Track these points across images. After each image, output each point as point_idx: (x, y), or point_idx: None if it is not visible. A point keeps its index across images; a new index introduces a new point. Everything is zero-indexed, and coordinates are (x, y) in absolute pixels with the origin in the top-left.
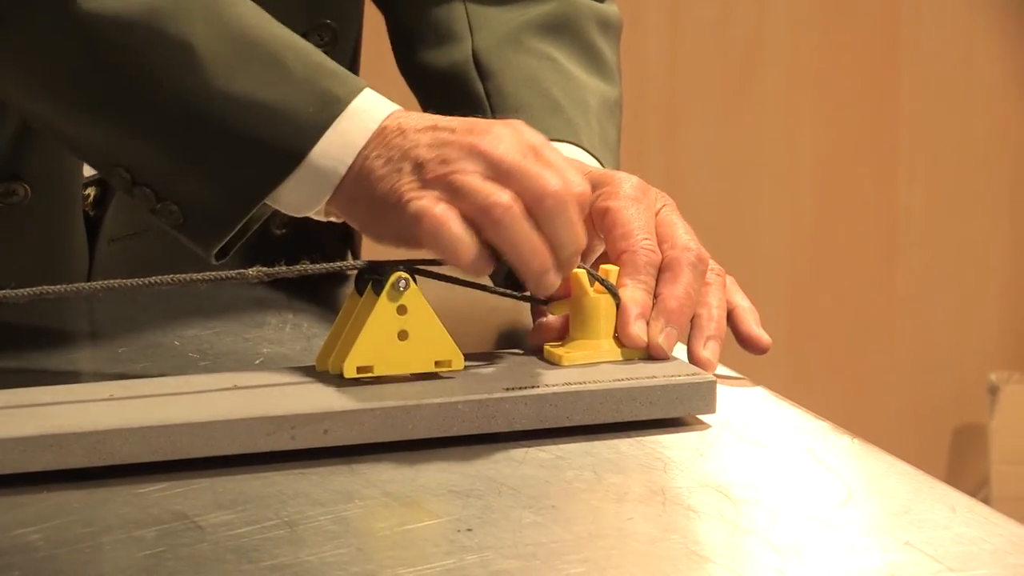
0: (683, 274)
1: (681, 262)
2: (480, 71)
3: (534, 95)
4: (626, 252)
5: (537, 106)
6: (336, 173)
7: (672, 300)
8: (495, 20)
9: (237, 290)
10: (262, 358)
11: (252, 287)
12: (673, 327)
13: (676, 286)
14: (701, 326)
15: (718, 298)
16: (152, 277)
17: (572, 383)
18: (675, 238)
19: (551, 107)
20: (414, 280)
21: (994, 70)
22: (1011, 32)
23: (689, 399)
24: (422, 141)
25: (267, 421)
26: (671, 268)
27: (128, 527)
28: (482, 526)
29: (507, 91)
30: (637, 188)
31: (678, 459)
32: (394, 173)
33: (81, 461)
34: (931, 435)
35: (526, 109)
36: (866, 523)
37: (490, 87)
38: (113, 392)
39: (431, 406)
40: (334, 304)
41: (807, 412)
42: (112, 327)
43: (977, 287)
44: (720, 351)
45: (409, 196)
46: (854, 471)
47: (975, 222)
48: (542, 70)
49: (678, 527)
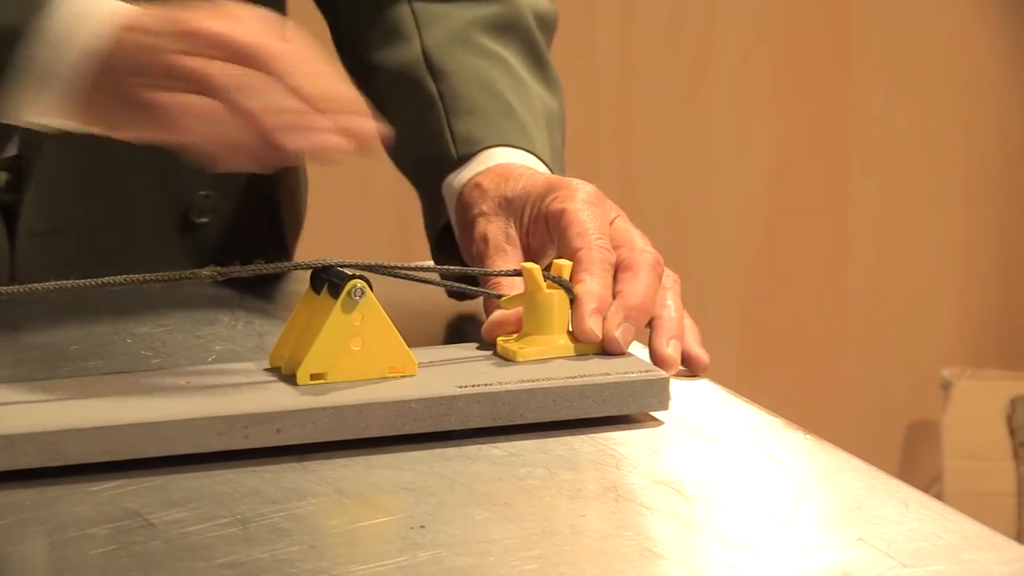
0: (642, 274)
1: (640, 263)
2: (432, 71)
3: (488, 98)
4: (582, 250)
5: (492, 110)
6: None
7: (633, 296)
8: (443, 18)
9: (189, 288)
10: (214, 356)
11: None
12: (631, 323)
13: (636, 283)
14: (662, 326)
15: (676, 301)
16: (105, 278)
17: (525, 380)
18: (632, 242)
19: (505, 111)
20: (370, 287)
21: (945, 65)
22: (962, 27)
23: (642, 396)
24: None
25: (220, 420)
26: (630, 268)
27: (81, 525)
28: (435, 523)
29: (461, 92)
30: (592, 194)
31: (631, 456)
32: None
33: (33, 461)
34: (884, 431)
35: (480, 112)
36: (819, 519)
37: (443, 88)
38: (65, 391)
39: (384, 405)
40: (287, 301)
41: (760, 408)
42: (63, 324)
43: (930, 283)
44: (681, 350)
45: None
46: (807, 467)
47: (928, 218)
48: (494, 71)
49: (631, 524)
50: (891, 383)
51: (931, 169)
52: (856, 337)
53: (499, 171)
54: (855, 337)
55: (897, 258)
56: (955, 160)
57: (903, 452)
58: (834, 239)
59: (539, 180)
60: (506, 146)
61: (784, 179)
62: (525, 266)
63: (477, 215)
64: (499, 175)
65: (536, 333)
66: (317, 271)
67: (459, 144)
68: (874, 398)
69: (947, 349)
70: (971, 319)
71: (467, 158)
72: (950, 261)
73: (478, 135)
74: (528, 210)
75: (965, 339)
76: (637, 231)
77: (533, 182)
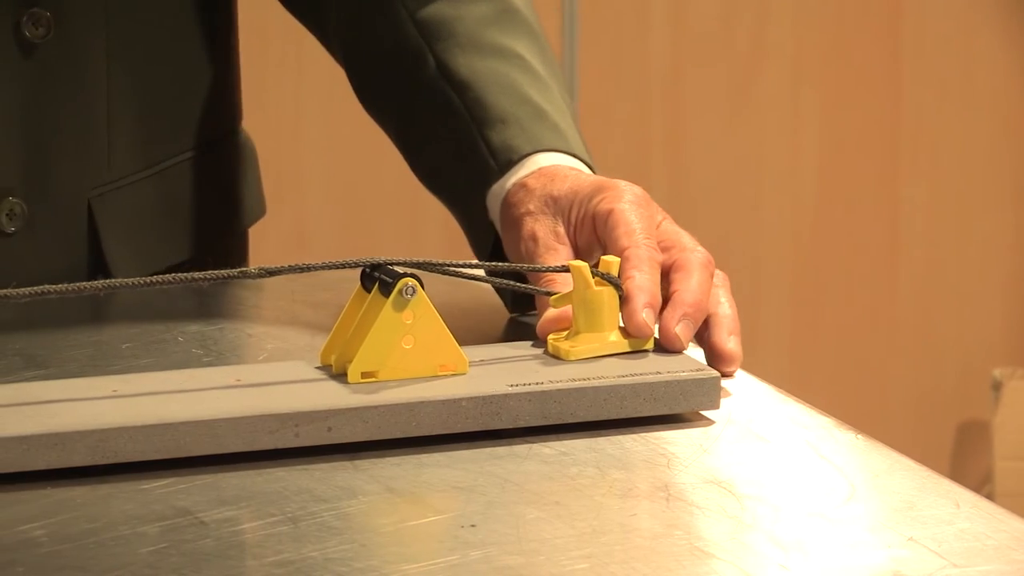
0: (695, 272)
1: (692, 262)
2: (452, 83)
3: (516, 103)
4: (629, 248)
5: (523, 115)
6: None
7: (688, 294)
8: (448, 24)
9: (239, 287)
10: (265, 354)
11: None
12: (689, 321)
13: (690, 282)
14: (720, 323)
15: (729, 298)
16: (155, 276)
17: (576, 379)
18: (681, 243)
19: (536, 115)
20: (421, 285)
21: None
22: (1014, 28)
23: (693, 395)
24: None
25: (271, 419)
26: (683, 268)
27: (131, 523)
28: (485, 522)
29: (487, 102)
30: (640, 196)
31: (682, 455)
32: None
33: (84, 459)
34: (935, 431)
35: (512, 120)
36: (870, 519)
37: (468, 99)
38: (116, 388)
39: (435, 403)
40: (338, 299)
41: (810, 408)
42: (115, 323)
43: (981, 282)
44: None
45: None
46: (857, 467)
47: (978, 217)
48: (513, 72)
49: (682, 523)
50: (942, 383)
51: (981, 168)
52: (906, 337)
53: (545, 172)
54: (905, 336)
55: (948, 257)
56: (1005, 159)
57: (954, 452)
58: (884, 237)
59: (586, 181)
60: (545, 151)
61: (834, 178)
62: (573, 264)
63: (524, 214)
64: (545, 175)
65: (586, 331)
66: (368, 269)
67: (497, 154)
68: (925, 398)
69: (998, 349)
70: (1022, 319)
71: (508, 166)
72: (1001, 261)
73: (514, 143)
74: (575, 210)
75: (1016, 339)
76: (685, 232)
77: (580, 183)
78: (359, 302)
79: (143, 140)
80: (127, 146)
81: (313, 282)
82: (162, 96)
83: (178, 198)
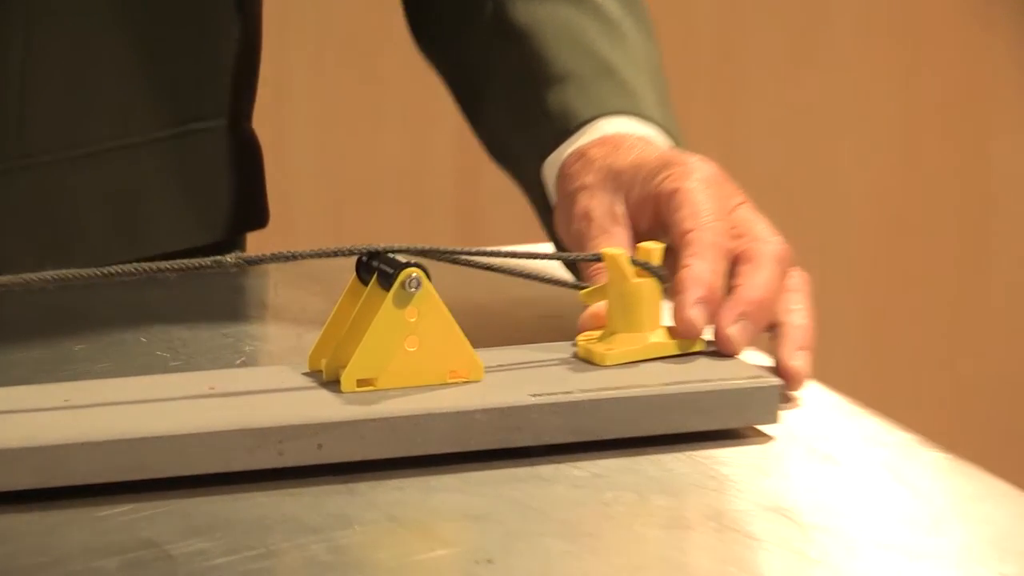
0: (765, 265)
1: (763, 254)
2: (508, 34)
3: (580, 57)
4: (693, 231)
5: (587, 71)
6: None
7: (752, 290)
8: None
9: (214, 278)
10: (243, 357)
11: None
12: (748, 322)
13: (757, 276)
14: (789, 334)
15: (805, 305)
16: (112, 267)
17: (611, 388)
18: (756, 231)
19: (602, 70)
20: (427, 276)
21: None
22: None
23: (750, 407)
24: None
25: (250, 434)
26: (752, 259)
27: (87, 556)
28: (505, 557)
29: (546, 55)
30: (713, 174)
31: (736, 477)
32: None
33: (31, 481)
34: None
35: (574, 77)
36: (957, 553)
37: (525, 52)
38: (68, 398)
39: (443, 416)
40: (328, 294)
41: (888, 422)
42: (67, 321)
43: None
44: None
45: None
46: (943, 492)
47: None
48: (582, 20)
49: (736, 558)
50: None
51: None
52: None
53: (609, 140)
54: (999, 343)
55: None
56: None
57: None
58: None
59: (652, 154)
60: (610, 115)
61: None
62: (607, 252)
63: (579, 188)
64: (609, 144)
65: (624, 331)
66: (365, 258)
67: (553, 120)
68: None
69: None
70: None
71: (565, 135)
72: None
73: (574, 106)
74: (637, 188)
75: None
76: (764, 220)
77: (646, 156)
78: (354, 297)
79: (71, 116)
80: (48, 120)
81: (300, 273)
82: (97, 68)
83: (113, 193)
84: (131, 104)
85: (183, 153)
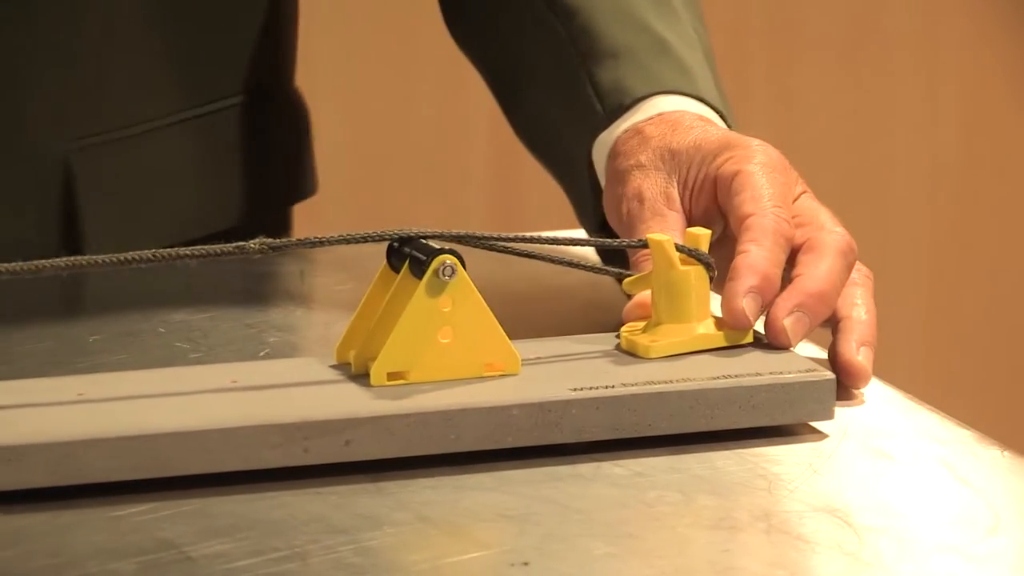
0: (828, 257)
1: (826, 244)
2: (556, 9)
3: (633, 33)
4: (754, 215)
5: (641, 47)
6: None
7: (812, 282)
8: None
9: (236, 265)
10: (268, 349)
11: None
12: (805, 314)
13: (818, 267)
14: (851, 327)
15: (868, 301)
16: (130, 253)
17: (656, 382)
18: (818, 221)
19: (657, 47)
20: (462, 264)
21: None
22: None
23: (802, 402)
24: None
25: (274, 430)
26: (814, 249)
27: (102, 558)
28: (542, 559)
29: (597, 31)
30: (776, 159)
31: (786, 476)
32: None
33: (44, 479)
34: None
35: (627, 53)
36: (1017, 556)
37: (574, 28)
38: (83, 391)
39: (478, 411)
40: (359, 281)
41: (947, 418)
42: (82, 310)
43: None
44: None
45: None
46: (1004, 492)
47: None
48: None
49: (786, 561)
50: None
51: None
52: None
53: (667, 119)
54: None
55: None
56: None
57: None
58: None
59: (713, 135)
60: (666, 93)
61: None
62: (652, 238)
63: (632, 167)
64: (667, 123)
65: (669, 321)
66: (396, 244)
67: (605, 97)
68: None
69: None
70: None
71: (619, 112)
72: None
73: (627, 83)
74: (695, 170)
75: None
76: (827, 210)
77: (706, 137)
78: (384, 285)
79: (148, 88)
80: (127, 92)
81: (327, 259)
82: (179, 36)
83: (184, 165)
84: (170, 81)
85: (210, 130)
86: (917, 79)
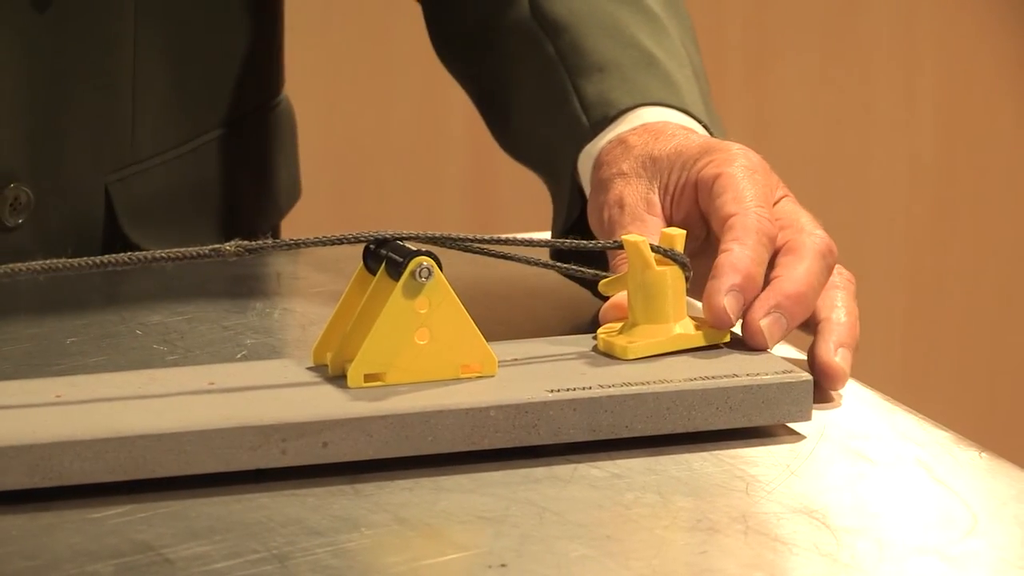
0: (807, 260)
1: (806, 246)
2: (545, 25)
3: (620, 47)
4: (736, 215)
5: (627, 61)
6: None
7: (790, 283)
8: None
9: (213, 268)
10: (245, 351)
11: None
12: (783, 315)
13: (797, 269)
14: (830, 329)
15: (849, 303)
16: (105, 256)
17: (633, 383)
18: (800, 224)
19: (643, 61)
20: (439, 265)
21: None
22: None
23: (779, 403)
24: None
25: (252, 431)
26: (793, 251)
27: (80, 560)
28: (519, 561)
29: (585, 46)
30: (756, 162)
31: (764, 478)
32: None
33: (21, 481)
34: None
35: (613, 67)
36: (994, 557)
37: (562, 44)
38: (60, 393)
39: (455, 413)
40: (336, 283)
41: (924, 419)
42: (59, 312)
43: None
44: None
45: None
46: (981, 493)
47: None
48: (621, 11)
49: (764, 562)
50: None
51: None
52: None
53: (651, 128)
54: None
55: None
56: None
57: None
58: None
59: (694, 141)
60: (651, 105)
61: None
62: (626, 239)
63: (615, 175)
64: (650, 132)
65: (645, 322)
66: (372, 246)
67: (590, 109)
68: None
69: None
70: None
71: (603, 124)
72: None
73: (613, 95)
74: (675, 174)
75: None
76: (807, 213)
77: (687, 143)
78: (361, 287)
79: (175, 114)
80: (156, 121)
81: (304, 262)
82: (198, 61)
83: (210, 181)
84: (201, 98)
85: (244, 141)
86: (895, 80)
